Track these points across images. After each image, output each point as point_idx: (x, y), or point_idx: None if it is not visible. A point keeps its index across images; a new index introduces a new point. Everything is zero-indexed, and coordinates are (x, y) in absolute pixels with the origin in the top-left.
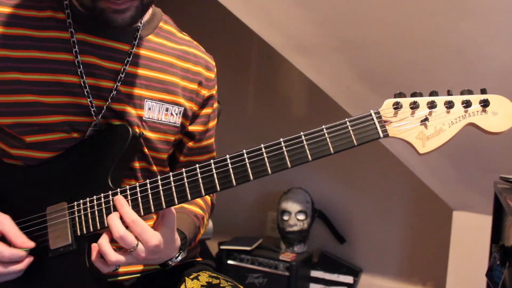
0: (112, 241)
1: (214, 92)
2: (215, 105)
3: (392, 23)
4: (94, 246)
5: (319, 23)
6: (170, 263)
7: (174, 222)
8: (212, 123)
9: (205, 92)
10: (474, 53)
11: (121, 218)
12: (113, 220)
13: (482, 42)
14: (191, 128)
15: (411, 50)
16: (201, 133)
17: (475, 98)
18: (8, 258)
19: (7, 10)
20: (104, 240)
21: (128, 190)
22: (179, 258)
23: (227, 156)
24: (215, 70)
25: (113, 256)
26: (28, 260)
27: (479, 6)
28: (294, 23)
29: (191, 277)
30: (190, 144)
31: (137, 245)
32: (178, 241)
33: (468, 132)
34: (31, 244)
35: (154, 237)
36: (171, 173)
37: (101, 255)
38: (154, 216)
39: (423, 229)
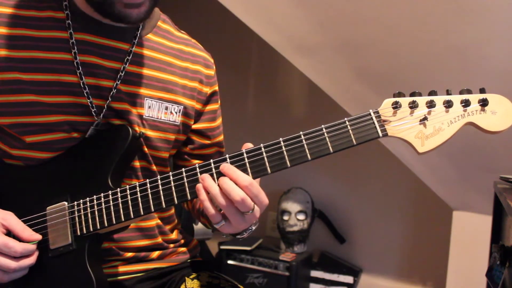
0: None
1: (216, 88)
2: (219, 101)
3: (392, 23)
4: (200, 186)
5: (319, 23)
6: (251, 228)
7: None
8: (220, 120)
9: (207, 90)
10: (474, 53)
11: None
12: (229, 184)
13: (482, 42)
14: (198, 125)
15: (411, 50)
16: (211, 130)
17: (474, 98)
18: (20, 253)
19: (7, 10)
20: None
21: (128, 190)
22: (256, 225)
23: (227, 156)
24: (214, 67)
25: (240, 192)
26: (36, 253)
27: (479, 6)
28: (294, 23)
29: (191, 277)
30: (206, 141)
31: (254, 207)
32: None
33: (468, 132)
34: (38, 236)
35: (266, 197)
36: (170, 172)
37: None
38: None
39: (423, 229)
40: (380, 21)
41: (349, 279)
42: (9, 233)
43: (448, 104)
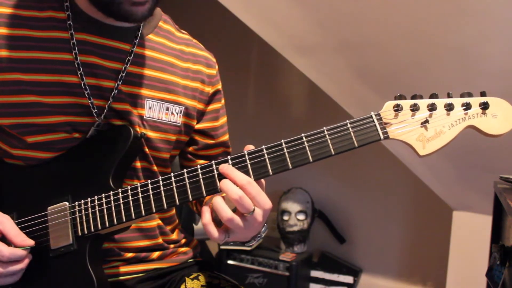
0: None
1: (219, 87)
2: (223, 100)
3: (392, 23)
4: (206, 208)
5: (319, 23)
6: (260, 236)
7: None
8: (223, 119)
9: (209, 89)
10: (474, 53)
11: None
12: (227, 184)
13: (482, 41)
14: (201, 125)
15: (411, 50)
16: (214, 129)
17: (475, 101)
18: (8, 257)
19: (8, 10)
20: (219, 198)
21: (129, 190)
22: (265, 232)
23: (229, 157)
24: (216, 66)
25: (229, 212)
26: (28, 259)
27: (479, 5)
28: (294, 23)
29: (191, 277)
30: (209, 141)
31: (254, 208)
32: None
33: (468, 132)
34: (30, 242)
35: (268, 200)
36: (172, 173)
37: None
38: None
39: (423, 229)
40: (380, 21)
41: (349, 279)
42: (4, 238)
43: (449, 107)
